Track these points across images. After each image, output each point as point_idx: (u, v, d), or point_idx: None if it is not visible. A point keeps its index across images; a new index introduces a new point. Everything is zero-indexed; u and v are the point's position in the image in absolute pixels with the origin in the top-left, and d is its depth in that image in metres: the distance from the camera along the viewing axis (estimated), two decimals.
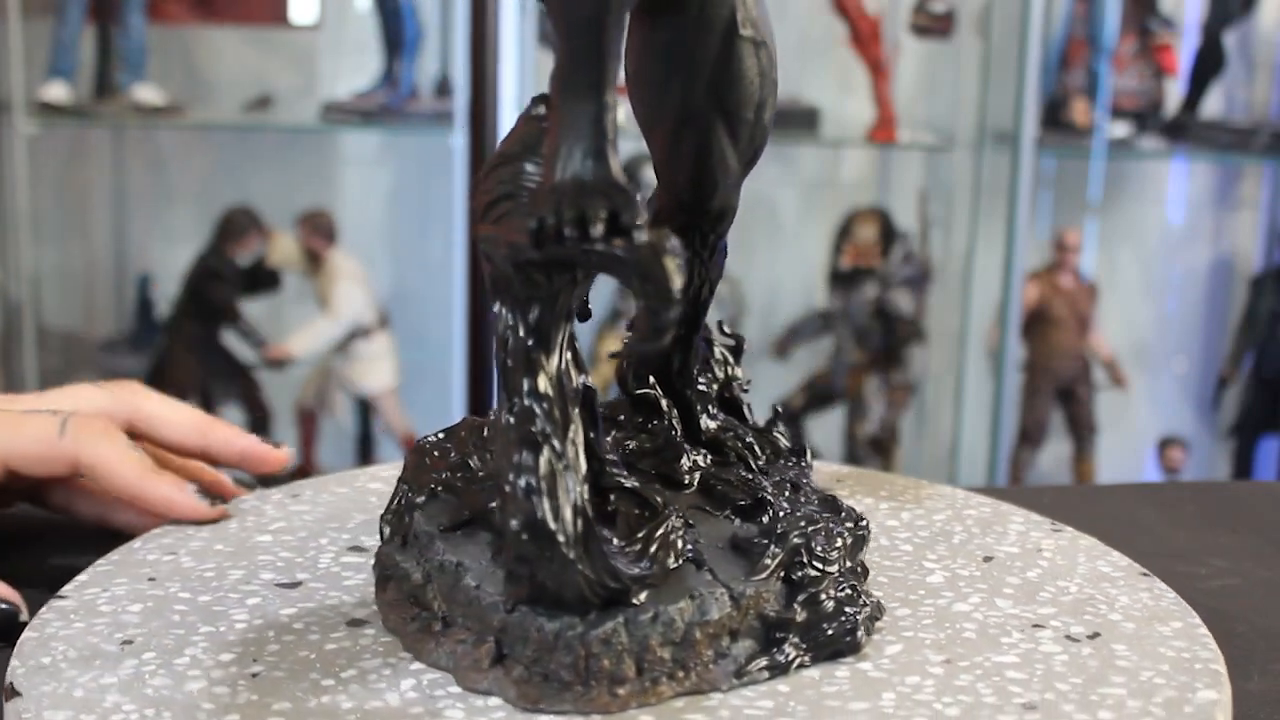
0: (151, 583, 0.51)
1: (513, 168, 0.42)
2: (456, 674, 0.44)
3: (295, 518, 0.58)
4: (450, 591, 0.45)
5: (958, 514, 0.60)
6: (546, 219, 0.39)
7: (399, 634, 0.47)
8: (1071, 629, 0.49)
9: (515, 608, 0.43)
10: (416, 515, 0.48)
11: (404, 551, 0.48)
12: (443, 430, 0.52)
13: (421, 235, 2.55)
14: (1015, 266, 2.31)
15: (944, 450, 2.53)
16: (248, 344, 2.43)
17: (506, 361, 0.43)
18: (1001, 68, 2.31)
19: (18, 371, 2.38)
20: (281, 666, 0.45)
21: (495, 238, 0.42)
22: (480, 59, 2.22)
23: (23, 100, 2.28)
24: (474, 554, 0.46)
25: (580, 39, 0.40)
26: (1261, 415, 2.55)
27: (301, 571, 0.52)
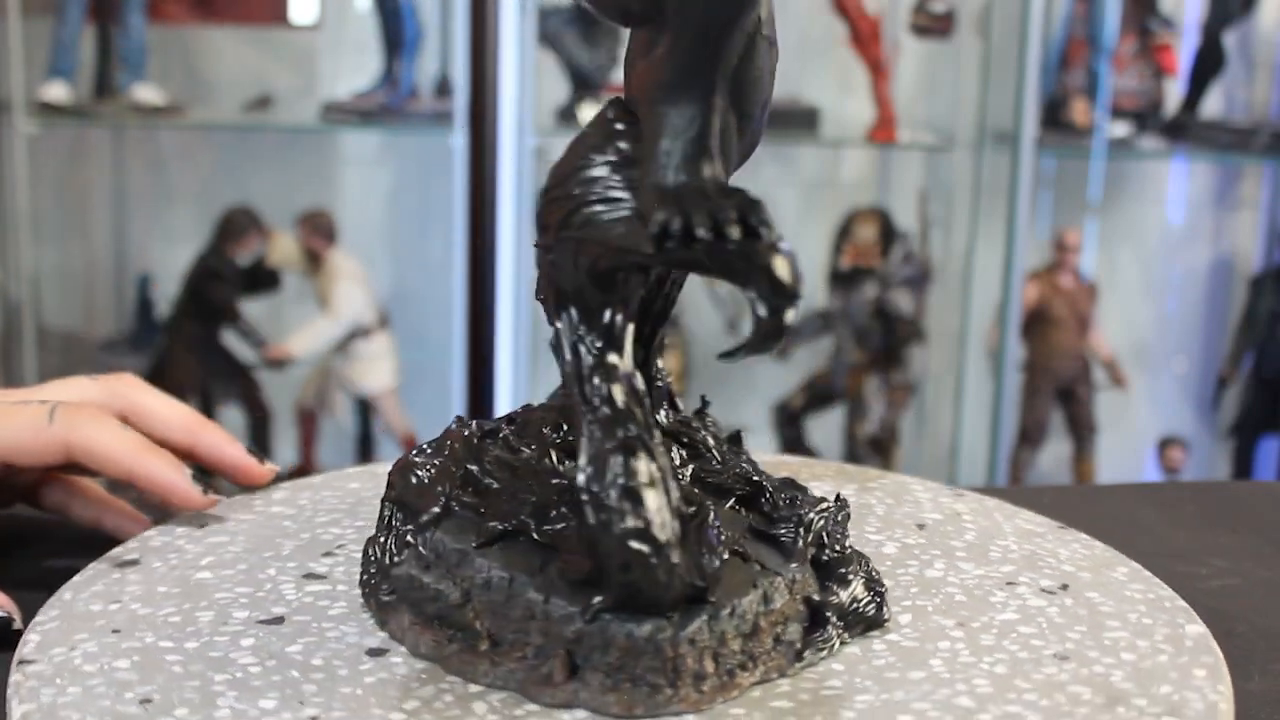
0: (118, 634, 0.46)
1: (597, 174, 0.42)
2: (527, 691, 0.43)
3: (221, 549, 0.54)
4: (501, 607, 0.44)
5: (864, 488, 0.62)
6: (672, 222, 0.39)
7: (436, 659, 0.45)
8: (1041, 583, 0.53)
9: (597, 616, 0.43)
10: (436, 534, 0.47)
11: (429, 572, 0.46)
12: (427, 445, 0.50)
13: (421, 235, 2.55)
14: (1015, 266, 2.31)
15: (944, 450, 2.53)
16: (248, 344, 2.43)
17: (581, 371, 0.43)
18: (1001, 68, 2.31)
19: (18, 371, 2.38)
20: (335, 707, 0.42)
21: (570, 244, 0.41)
22: (480, 59, 2.22)
23: (23, 100, 2.28)
24: (524, 566, 0.45)
25: (704, 43, 0.40)
26: (1261, 415, 2.55)
27: (275, 605, 0.49)
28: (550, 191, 0.42)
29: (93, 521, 0.61)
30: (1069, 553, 0.56)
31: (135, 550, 0.53)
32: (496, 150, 2.25)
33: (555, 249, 0.42)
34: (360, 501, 0.59)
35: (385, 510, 0.49)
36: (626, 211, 0.41)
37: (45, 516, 0.62)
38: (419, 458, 0.49)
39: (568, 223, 0.42)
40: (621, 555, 0.42)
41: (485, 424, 0.50)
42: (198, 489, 0.56)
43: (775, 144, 2.40)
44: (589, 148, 0.42)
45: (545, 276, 0.43)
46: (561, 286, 0.43)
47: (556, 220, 0.42)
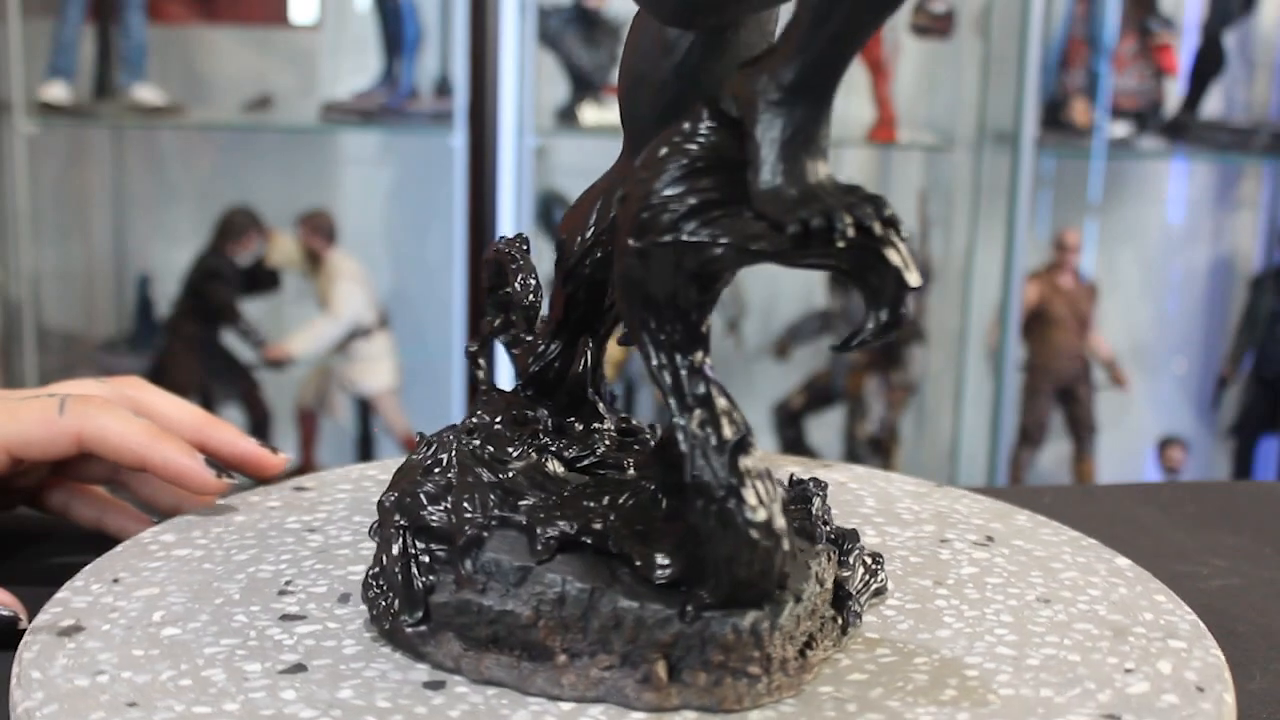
0: (136, 708, 0.42)
1: (707, 178, 0.42)
2: (624, 699, 0.43)
3: (165, 603, 0.49)
4: (578, 620, 0.44)
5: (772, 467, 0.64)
6: (814, 221, 0.39)
7: (509, 682, 0.44)
8: (968, 537, 0.58)
9: (700, 615, 0.43)
10: (485, 554, 0.45)
11: (486, 594, 0.45)
12: (420, 468, 0.48)
13: (421, 235, 2.55)
14: (1015, 266, 2.31)
15: (944, 450, 2.53)
16: (248, 344, 2.43)
17: (677, 373, 0.43)
18: (1001, 68, 2.31)
19: (18, 371, 2.38)
20: None
21: (673, 249, 0.41)
22: (480, 59, 2.22)
23: (23, 100, 2.28)
24: (599, 576, 0.44)
25: (840, 45, 0.40)
26: (1261, 415, 2.55)
27: (282, 654, 0.45)
28: (652, 196, 0.42)
29: (94, 522, 0.61)
30: (965, 508, 0.61)
31: (64, 615, 0.48)
32: (496, 150, 2.25)
33: (652, 254, 0.42)
34: (269, 529, 0.56)
35: (397, 541, 0.47)
36: (744, 213, 0.41)
37: (47, 518, 0.62)
38: (425, 480, 0.47)
39: (677, 227, 0.41)
40: (746, 550, 0.42)
41: (464, 436, 0.49)
42: (211, 473, 0.56)
43: None
44: (692, 151, 0.42)
45: (631, 282, 0.42)
46: (650, 292, 0.42)
47: (664, 224, 0.41)
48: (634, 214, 0.42)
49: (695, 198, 0.41)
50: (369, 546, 0.52)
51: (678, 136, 0.42)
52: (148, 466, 0.56)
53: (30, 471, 0.60)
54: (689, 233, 0.41)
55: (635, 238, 0.42)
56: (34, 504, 0.62)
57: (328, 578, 0.51)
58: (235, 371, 2.44)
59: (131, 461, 0.56)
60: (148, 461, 0.56)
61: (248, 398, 2.44)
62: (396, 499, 0.48)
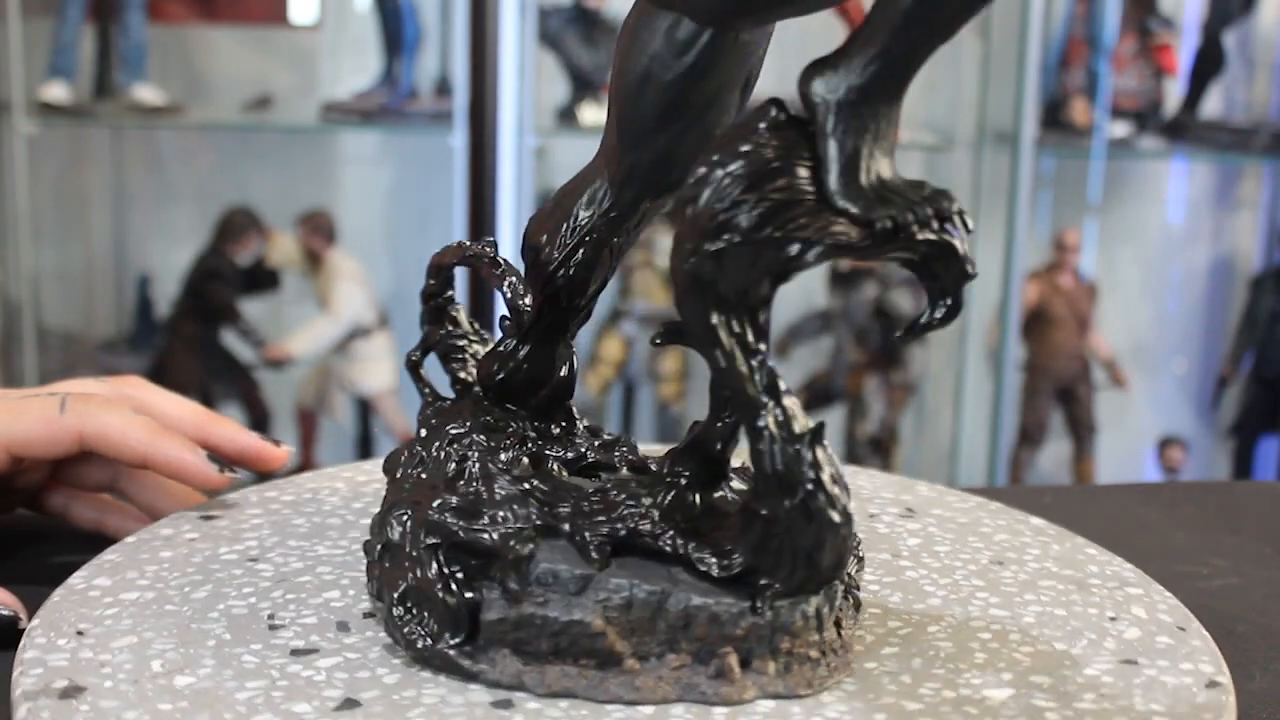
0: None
1: (786, 177, 0.42)
2: (704, 696, 0.43)
3: (151, 651, 0.45)
4: (651, 621, 0.44)
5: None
6: (902, 218, 0.41)
7: (579, 692, 0.44)
8: (890, 509, 0.61)
9: (771, 606, 0.44)
10: (540, 566, 0.44)
11: (548, 607, 0.44)
12: (433, 506, 0.46)
13: (421, 235, 2.55)
14: (1015, 266, 2.31)
15: (944, 450, 2.53)
16: (248, 344, 2.43)
17: (750, 370, 0.43)
18: (1001, 68, 2.31)
19: (18, 371, 2.38)
20: None
21: (752, 247, 0.41)
22: (480, 59, 2.22)
23: (23, 100, 2.28)
24: (661, 576, 0.44)
25: (919, 47, 0.41)
26: (1261, 415, 2.55)
27: (322, 690, 0.43)
28: (728, 197, 0.42)
29: (94, 523, 0.61)
30: (868, 482, 0.64)
31: (51, 676, 0.44)
32: (496, 150, 2.25)
33: (728, 254, 0.42)
34: (206, 562, 0.52)
35: (429, 561, 0.45)
36: (821, 211, 0.42)
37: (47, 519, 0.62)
38: (449, 495, 0.46)
39: (758, 227, 0.41)
40: (831, 540, 0.43)
41: (474, 447, 0.49)
42: (214, 468, 0.56)
43: None
44: (765, 152, 0.42)
45: (701, 283, 0.42)
46: (722, 292, 0.42)
47: (743, 225, 0.41)
48: (709, 215, 0.42)
49: (774, 197, 0.42)
50: (329, 572, 0.51)
51: (747, 136, 0.42)
52: (150, 463, 0.56)
53: (30, 472, 0.60)
54: (770, 233, 0.41)
55: (711, 239, 0.42)
56: (33, 506, 0.62)
57: (309, 608, 0.49)
58: (235, 371, 2.44)
59: (133, 459, 0.56)
60: (150, 458, 0.56)
61: (248, 398, 2.44)
62: (417, 517, 0.46)
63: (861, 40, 0.41)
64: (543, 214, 0.52)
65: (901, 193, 0.42)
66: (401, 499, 0.48)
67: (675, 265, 0.43)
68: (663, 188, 0.51)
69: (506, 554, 0.44)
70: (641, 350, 2.42)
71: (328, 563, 0.52)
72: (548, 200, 0.53)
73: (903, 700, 0.44)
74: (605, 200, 0.51)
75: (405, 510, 0.47)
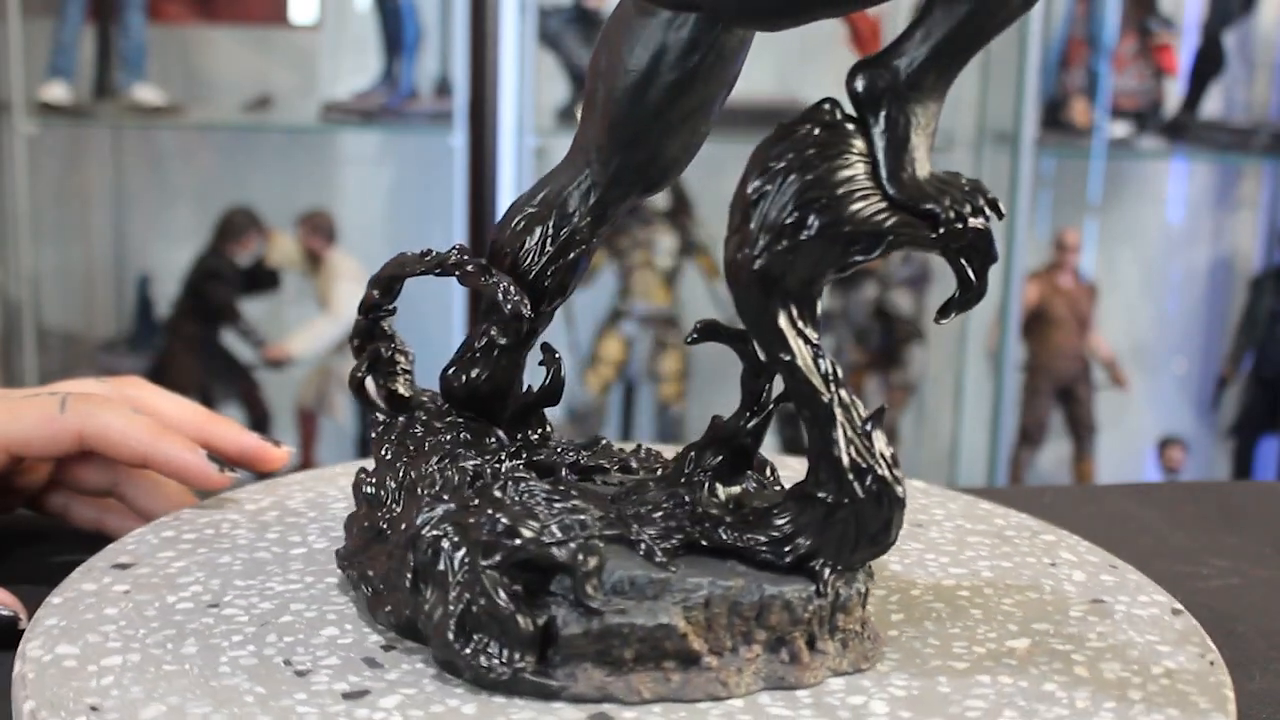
0: None
1: (849, 173, 0.43)
2: (782, 682, 0.44)
3: (167, 704, 0.43)
4: (728, 616, 0.44)
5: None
6: (962, 209, 0.44)
7: (666, 696, 0.44)
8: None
9: (833, 587, 0.45)
10: (616, 574, 0.44)
11: (629, 615, 0.44)
12: (482, 527, 0.44)
13: (421, 235, 2.55)
14: (1015, 266, 2.31)
15: (944, 450, 2.53)
16: (248, 344, 2.43)
17: (815, 359, 0.45)
18: (1001, 68, 2.31)
19: (18, 371, 2.38)
20: None
21: (822, 242, 0.43)
22: (480, 59, 2.22)
23: (23, 100, 2.28)
24: (726, 571, 0.45)
25: (971, 47, 0.44)
26: (1261, 415, 2.55)
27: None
28: (808, 193, 0.43)
29: (94, 523, 0.61)
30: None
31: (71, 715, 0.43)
32: (496, 150, 2.26)
33: (802, 249, 0.43)
34: (165, 613, 0.48)
35: (493, 586, 0.43)
36: (883, 204, 0.43)
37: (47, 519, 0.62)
38: (494, 513, 0.45)
39: (836, 221, 0.43)
40: (898, 516, 0.44)
41: (446, 466, 0.49)
42: (214, 467, 0.56)
43: None
44: (832, 149, 0.44)
45: (771, 279, 0.44)
46: (788, 287, 0.44)
47: (822, 220, 0.43)
48: (781, 213, 0.43)
49: (840, 193, 0.43)
50: (309, 609, 0.48)
51: (808, 135, 0.44)
52: (150, 463, 0.56)
53: (30, 472, 0.60)
54: (841, 229, 0.43)
55: (785, 236, 0.43)
56: (33, 506, 0.62)
57: (319, 648, 0.46)
58: (235, 371, 2.44)
59: (133, 458, 0.56)
60: (150, 458, 0.55)
61: (248, 398, 2.44)
62: (470, 539, 0.44)
63: (915, 39, 0.43)
64: (514, 219, 0.52)
65: (951, 184, 0.44)
66: (425, 522, 0.45)
67: (739, 262, 0.44)
68: (647, 187, 0.51)
69: (580, 567, 0.43)
70: (641, 350, 2.42)
71: (298, 599, 0.49)
72: (518, 204, 0.52)
73: (949, 661, 0.46)
74: (590, 201, 0.51)
75: (444, 534, 0.45)
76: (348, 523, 0.51)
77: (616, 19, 0.48)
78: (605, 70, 0.49)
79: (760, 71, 2.41)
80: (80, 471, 0.60)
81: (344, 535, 0.51)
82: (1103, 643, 0.48)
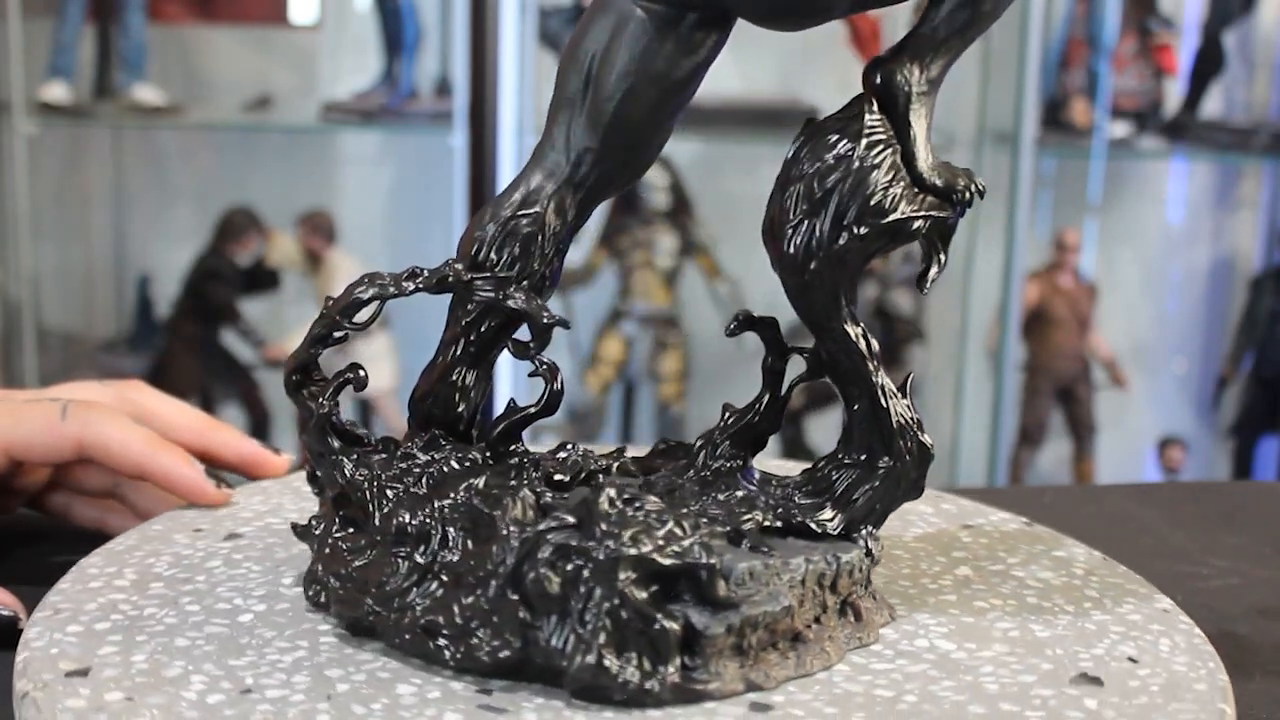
0: None
1: (895, 159, 0.48)
2: (863, 640, 0.48)
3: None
4: (818, 590, 0.47)
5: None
6: (972, 187, 0.48)
7: (794, 675, 0.45)
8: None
9: (879, 549, 0.50)
10: (736, 570, 0.45)
11: (756, 604, 0.45)
12: (608, 543, 0.43)
13: (421, 235, 2.55)
14: (1015, 266, 2.31)
15: (944, 450, 2.53)
16: (247, 344, 2.43)
17: (870, 347, 0.49)
18: (1001, 68, 2.31)
19: (18, 371, 2.38)
20: None
21: (876, 233, 0.47)
22: (480, 59, 2.22)
23: (23, 100, 2.28)
24: (800, 550, 0.48)
25: (967, 38, 0.49)
26: (1261, 415, 2.55)
27: None
28: (873, 183, 0.47)
29: (96, 522, 0.61)
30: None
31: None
32: (496, 150, 2.26)
33: (870, 235, 0.47)
34: (156, 670, 0.44)
35: (633, 598, 0.43)
36: (916, 191, 0.48)
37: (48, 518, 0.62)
38: (627, 525, 0.44)
39: (897, 208, 0.47)
40: (927, 470, 0.50)
41: (475, 493, 0.48)
42: (211, 483, 0.56)
43: (775, 144, 2.40)
44: (881, 141, 0.47)
45: (835, 264, 0.47)
46: (851, 269, 0.48)
47: (887, 207, 0.47)
48: (865, 199, 0.47)
49: (899, 179, 0.47)
50: (328, 643, 0.46)
51: (864, 127, 0.47)
52: (147, 475, 0.56)
53: (30, 474, 0.60)
54: (903, 212, 0.47)
55: (863, 222, 0.47)
56: (35, 506, 0.62)
57: (380, 690, 0.44)
58: (235, 372, 2.44)
59: (131, 470, 0.56)
60: (147, 471, 0.56)
61: (248, 398, 2.44)
62: (586, 562, 0.43)
63: (927, 35, 0.48)
64: (495, 227, 0.50)
65: (952, 168, 0.48)
66: (524, 556, 0.44)
67: (811, 250, 0.47)
68: (628, 183, 0.51)
69: (710, 568, 0.44)
70: (641, 350, 2.42)
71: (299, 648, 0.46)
72: (491, 211, 0.50)
73: (974, 601, 0.51)
74: (571, 202, 0.50)
75: (557, 561, 0.43)
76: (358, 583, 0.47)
77: (605, 24, 0.48)
78: (598, 75, 0.48)
79: (761, 72, 2.41)
80: (81, 473, 0.60)
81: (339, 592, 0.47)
82: (1095, 574, 0.52)
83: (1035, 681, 0.45)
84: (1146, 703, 0.44)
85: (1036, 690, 0.45)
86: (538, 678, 0.44)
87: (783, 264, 0.48)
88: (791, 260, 0.47)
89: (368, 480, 0.49)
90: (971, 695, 0.44)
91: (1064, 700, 0.44)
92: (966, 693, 0.45)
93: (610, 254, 2.39)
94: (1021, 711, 0.43)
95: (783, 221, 0.47)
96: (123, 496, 0.61)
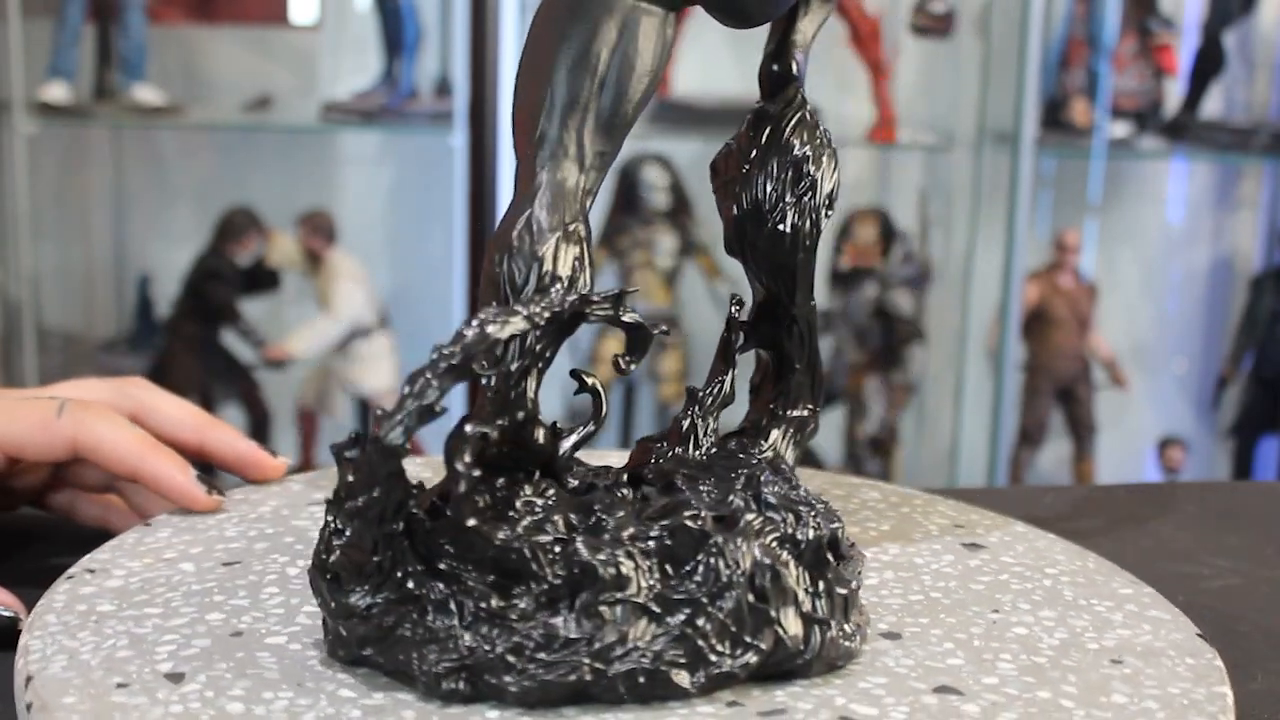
0: None
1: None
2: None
3: None
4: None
5: None
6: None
7: (852, 656, 0.46)
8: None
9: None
10: (833, 570, 0.47)
11: (851, 577, 0.47)
12: (753, 541, 0.44)
13: (421, 235, 2.55)
14: (1015, 266, 2.31)
15: (944, 450, 2.53)
16: (248, 344, 2.43)
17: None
18: (1001, 68, 2.31)
19: (18, 371, 2.38)
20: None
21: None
22: (480, 59, 2.22)
23: (23, 100, 2.28)
24: (809, 516, 0.50)
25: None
26: (1261, 415, 2.55)
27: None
28: (835, 168, 0.53)
29: (99, 520, 0.61)
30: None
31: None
32: (496, 150, 2.25)
33: (827, 221, 0.54)
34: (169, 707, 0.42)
35: (839, 573, 0.46)
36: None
37: (50, 516, 0.62)
38: (788, 515, 0.46)
39: (835, 196, 0.54)
40: None
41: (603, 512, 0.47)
42: (202, 489, 0.56)
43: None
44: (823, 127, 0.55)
45: (818, 239, 0.53)
46: (813, 258, 0.54)
47: (835, 195, 0.54)
48: (832, 183, 0.52)
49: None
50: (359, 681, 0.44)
51: (816, 123, 0.53)
52: (139, 479, 0.56)
53: (29, 472, 0.60)
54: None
55: (832, 205, 0.53)
56: (38, 504, 0.62)
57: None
58: (235, 371, 2.44)
59: (123, 472, 0.56)
60: (139, 474, 0.56)
61: (248, 398, 2.43)
62: (815, 538, 0.46)
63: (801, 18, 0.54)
64: (554, 240, 0.48)
65: None
66: (735, 562, 0.44)
67: (806, 230, 0.52)
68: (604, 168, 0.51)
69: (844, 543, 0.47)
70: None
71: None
72: (535, 229, 0.48)
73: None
74: (588, 207, 0.49)
75: (774, 558, 0.44)
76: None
77: (611, 25, 0.47)
78: (618, 78, 0.47)
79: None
80: (81, 471, 0.60)
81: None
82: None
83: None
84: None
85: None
86: (770, 676, 0.44)
87: (772, 243, 0.51)
88: (783, 240, 0.50)
89: (519, 540, 0.44)
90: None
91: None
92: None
93: (610, 254, 2.39)
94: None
95: (775, 202, 0.50)
96: (121, 490, 0.61)
